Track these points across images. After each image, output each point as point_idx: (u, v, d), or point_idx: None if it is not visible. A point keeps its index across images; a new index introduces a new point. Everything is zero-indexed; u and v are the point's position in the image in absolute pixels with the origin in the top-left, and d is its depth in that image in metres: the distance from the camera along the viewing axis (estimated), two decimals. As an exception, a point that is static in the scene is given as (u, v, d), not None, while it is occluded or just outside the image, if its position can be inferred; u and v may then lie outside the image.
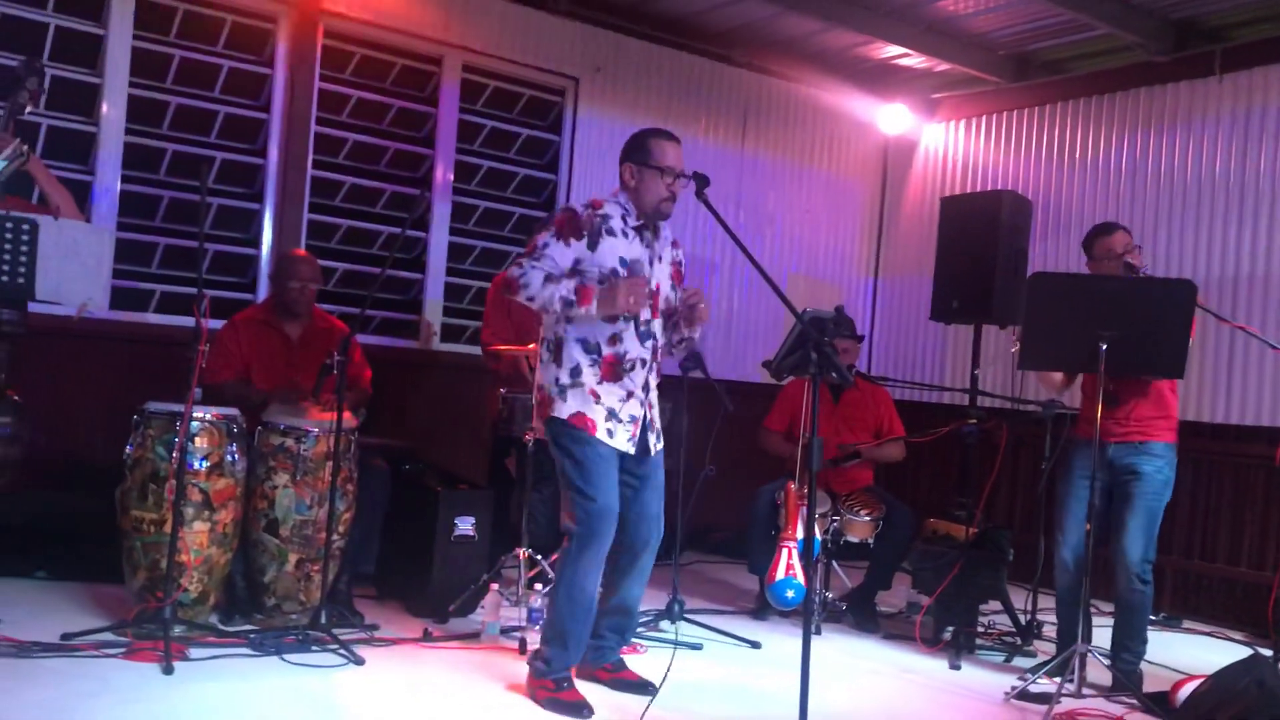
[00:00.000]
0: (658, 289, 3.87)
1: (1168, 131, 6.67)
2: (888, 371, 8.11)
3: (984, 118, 7.76)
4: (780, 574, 4.56)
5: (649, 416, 3.89)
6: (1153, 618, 6.08)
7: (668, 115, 7.24)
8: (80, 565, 4.85)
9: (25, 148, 3.84)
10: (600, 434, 3.76)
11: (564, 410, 3.78)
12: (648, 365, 3.85)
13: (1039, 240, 6.99)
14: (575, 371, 3.78)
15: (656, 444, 3.95)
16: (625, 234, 3.81)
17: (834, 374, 3.06)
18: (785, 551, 4.61)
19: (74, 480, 5.35)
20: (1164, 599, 6.35)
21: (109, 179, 5.65)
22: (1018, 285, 5.49)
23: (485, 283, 6.48)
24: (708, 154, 7.44)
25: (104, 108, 5.63)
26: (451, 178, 6.69)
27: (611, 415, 3.78)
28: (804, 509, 4.56)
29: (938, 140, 8.08)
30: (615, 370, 3.78)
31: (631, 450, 3.82)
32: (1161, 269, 6.47)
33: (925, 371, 7.94)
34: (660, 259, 3.91)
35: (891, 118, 8.02)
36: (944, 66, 7.47)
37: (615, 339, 3.78)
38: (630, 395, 3.81)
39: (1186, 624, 6.13)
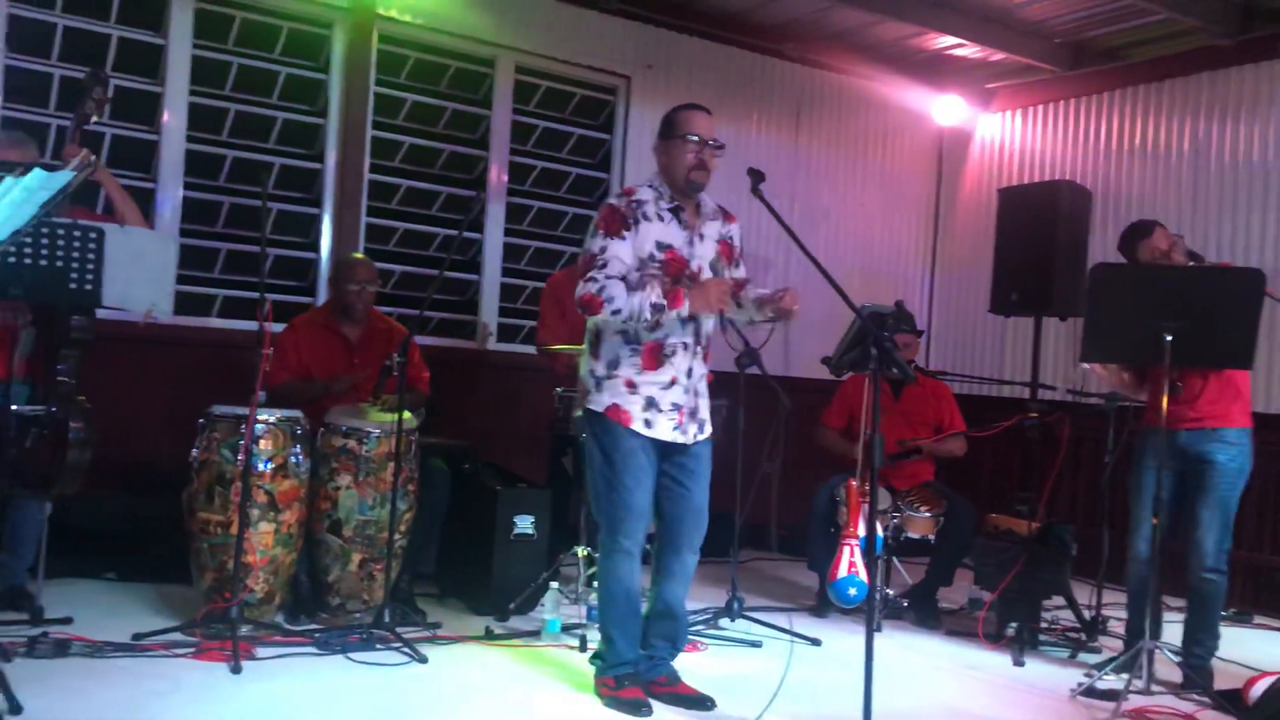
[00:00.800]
0: (699, 270, 3.76)
1: (1231, 117, 6.54)
2: (946, 365, 8.02)
3: (1040, 107, 7.66)
4: (843, 571, 4.53)
5: (694, 404, 3.79)
6: (1223, 613, 5.97)
7: (719, 111, 7.11)
8: (148, 566, 4.95)
9: (93, 157, 3.92)
10: (637, 425, 3.66)
11: (599, 403, 3.71)
12: (690, 349, 3.74)
13: (1099, 231, 6.86)
14: (613, 363, 3.70)
15: (699, 434, 3.81)
16: (660, 216, 3.72)
17: (895, 369, 3.03)
18: (847, 549, 4.58)
19: (141, 483, 5.46)
20: (1234, 594, 6.19)
21: (171, 186, 5.75)
22: (1078, 277, 5.41)
23: (540, 283, 6.49)
24: (761, 149, 7.42)
25: (165, 116, 5.73)
26: (505, 179, 6.73)
27: (651, 404, 3.68)
28: (865, 506, 4.52)
29: (993, 131, 7.98)
30: (656, 357, 3.68)
31: (679, 438, 3.72)
32: (1226, 258, 6.34)
33: (984, 365, 7.84)
34: (702, 237, 3.79)
35: (946, 109, 7.94)
36: (999, 56, 7.38)
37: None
38: (673, 382, 3.70)
39: (1258, 619, 6.01)
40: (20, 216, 2.93)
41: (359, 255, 5.42)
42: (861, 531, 4.58)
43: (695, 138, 3.70)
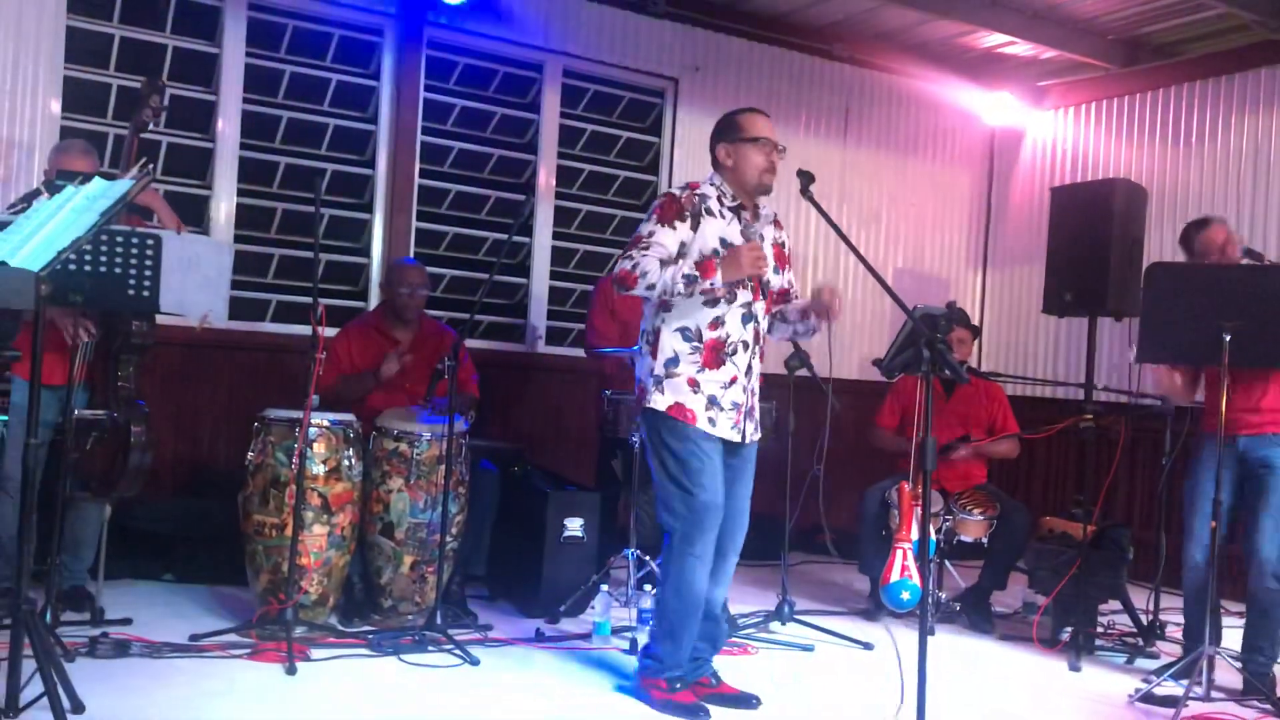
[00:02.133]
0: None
1: (1291, 112, 6.42)
2: (998, 366, 7.94)
3: (1094, 104, 7.55)
4: (895, 575, 4.49)
5: (751, 404, 3.78)
6: None
7: (768, 113, 7.18)
8: (205, 568, 5.03)
9: (151, 166, 3.98)
10: (701, 423, 3.66)
11: (661, 402, 3.68)
12: (750, 348, 3.74)
13: (1155, 229, 6.76)
14: (672, 361, 3.69)
15: (754, 433, 3.82)
16: (722, 214, 3.73)
17: (948, 371, 3.01)
18: (900, 553, 4.54)
19: (198, 485, 5.55)
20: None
21: (225, 192, 5.83)
22: (1134, 276, 5.32)
23: (588, 285, 6.51)
24: (810, 150, 7.38)
25: (220, 124, 5.82)
26: (554, 182, 6.75)
27: (713, 403, 3.67)
28: (918, 509, 4.48)
29: (1046, 129, 7.88)
30: (717, 355, 3.68)
31: (736, 437, 3.72)
32: (1286, 256, 6.22)
33: (1038, 366, 7.75)
34: (761, 239, 3.79)
35: (997, 107, 7.85)
36: (1050, 54, 7.29)
37: (717, 323, 3.68)
38: (733, 381, 3.70)
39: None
40: (82, 224, 2.99)
41: (410, 260, 5.47)
42: (914, 535, 4.55)
43: (765, 143, 3.72)
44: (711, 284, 3.59)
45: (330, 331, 4.98)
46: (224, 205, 5.82)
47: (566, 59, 6.72)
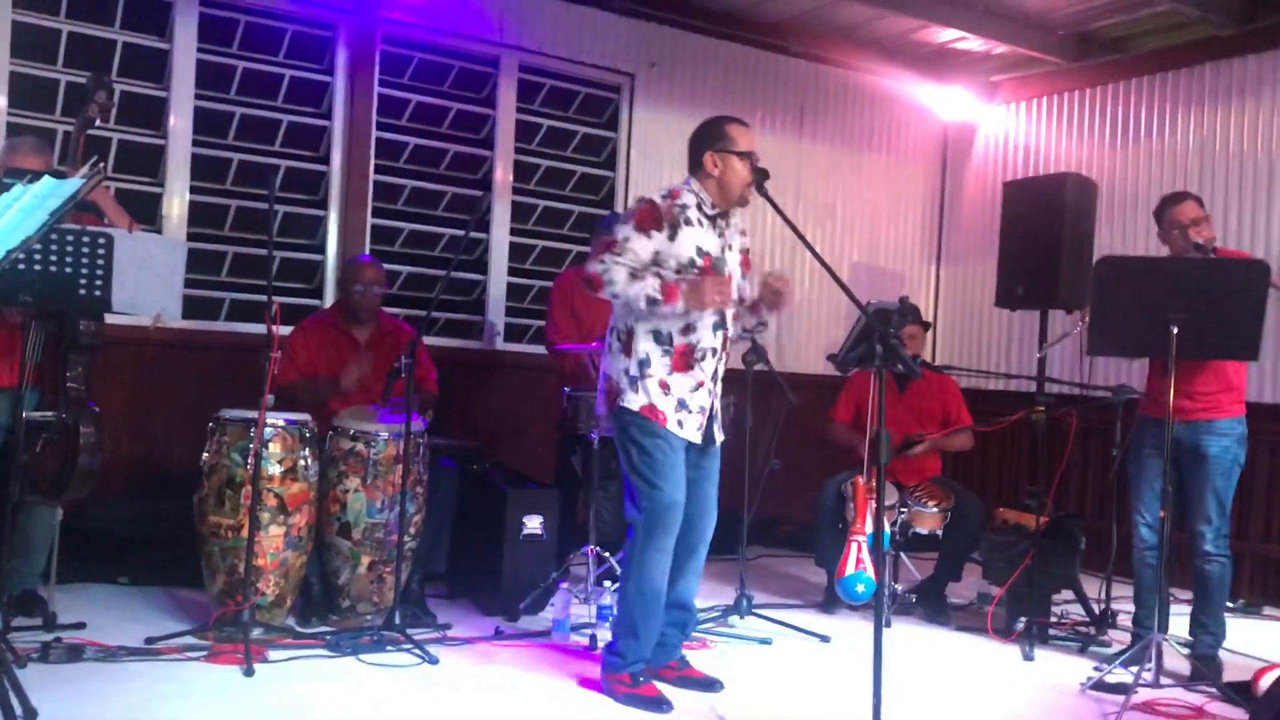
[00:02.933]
0: (729, 278, 3.81)
1: (1236, 107, 6.53)
2: (953, 359, 8.03)
3: (1045, 99, 7.64)
4: (850, 568, 4.54)
5: (715, 407, 3.88)
6: (1231, 604, 5.97)
7: (724, 108, 7.15)
8: (161, 570, 4.97)
9: (102, 164, 3.92)
10: (671, 425, 3.74)
11: (634, 402, 3.75)
12: (718, 355, 3.84)
13: (1105, 223, 6.87)
14: (645, 363, 3.75)
15: (720, 435, 3.94)
16: (700, 223, 3.78)
17: (901, 366, 3.05)
18: (855, 546, 4.59)
19: (154, 487, 5.49)
20: (1243, 586, 6.22)
21: (177, 190, 5.77)
22: (1084, 269, 5.40)
23: (546, 281, 6.51)
24: (766, 146, 7.28)
25: (171, 120, 5.75)
26: (511, 178, 6.74)
27: (681, 406, 3.76)
28: (873, 502, 4.53)
29: (999, 123, 7.97)
30: (687, 360, 3.76)
31: (699, 440, 3.82)
32: (1233, 247, 6.33)
33: (992, 359, 7.84)
34: (731, 247, 3.88)
35: (951, 102, 7.94)
36: (1002, 49, 7.36)
37: (688, 329, 3.76)
38: (700, 385, 3.79)
39: (1268, 611, 6.00)
40: (31, 224, 2.95)
41: (365, 257, 5.44)
42: (869, 528, 4.59)
43: (750, 156, 3.77)
44: (671, 309, 3.66)
45: (284, 330, 4.95)
46: (176, 202, 5.76)
47: (522, 54, 6.70)
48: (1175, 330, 4.04)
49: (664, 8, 7.02)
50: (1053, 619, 5.09)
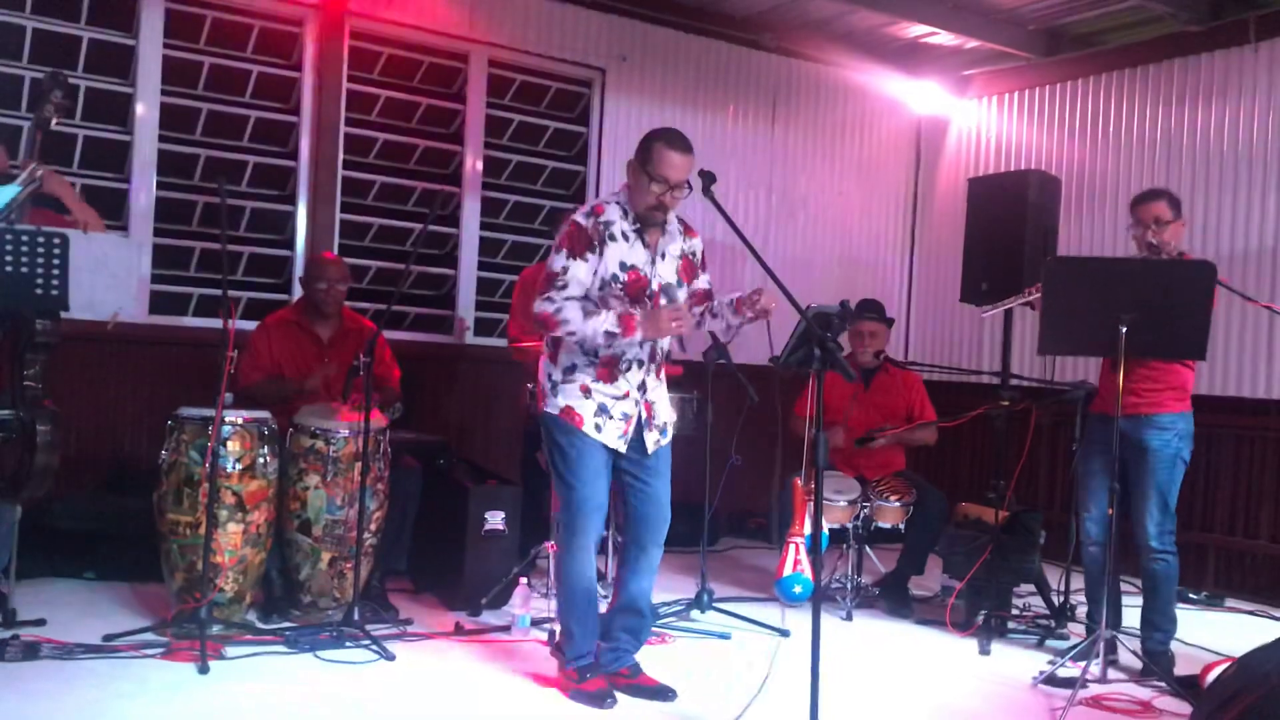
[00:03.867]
0: (658, 289, 3.80)
1: (1202, 103, 6.55)
2: (925, 353, 8.07)
3: (1016, 94, 7.67)
4: (788, 569, 4.59)
5: (645, 415, 3.84)
6: (1194, 596, 6.05)
7: (696, 103, 7.25)
8: (127, 566, 4.99)
9: (40, 171, 3.90)
10: (588, 429, 3.75)
11: (554, 406, 3.79)
12: (645, 366, 3.82)
13: (1072, 218, 6.92)
14: (570, 370, 3.78)
15: (661, 439, 3.90)
16: (626, 236, 3.76)
17: (837, 370, 3.08)
18: (793, 547, 4.63)
19: (120, 482, 5.50)
20: (1207, 578, 6.29)
21: (144, 185, 5.77)
22: (1047, 266, 5.43)
23: (517, 276, 6.52)
24: (738, 140, 7.45)
25: (137, 116, 5.75)
26: (481, 172, 6.75)
27: (602, 411, 3.76)
28: (811, 504, 4.57)
29: (970, 118, 7.99)
30: (611, 371, 3.77)
31: (622, 448, 3.80)
32: (1198, 243, 6.38)
33: (961, 353, 7.88)
34: (663, 256, 3.83)
35: (922, 96, 7.96)
36: (974, 44, 7.39)
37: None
38: (625, 395, 3.79)
39: (1230, 603, 6.06)
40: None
41: (329, 254, 5.46)
42: (807, 529, 4.63)
43: (662, 183, 3.70)
44: (630, 342, 3.69)
45: (247, 325, 4.96)
46: (143, 198, 5.77)
47: (492, 49, 6.70)
48: (1124, 330, 4.08)
49: (635, 2, 7.03)
50: (1015, 612, 5.14)
